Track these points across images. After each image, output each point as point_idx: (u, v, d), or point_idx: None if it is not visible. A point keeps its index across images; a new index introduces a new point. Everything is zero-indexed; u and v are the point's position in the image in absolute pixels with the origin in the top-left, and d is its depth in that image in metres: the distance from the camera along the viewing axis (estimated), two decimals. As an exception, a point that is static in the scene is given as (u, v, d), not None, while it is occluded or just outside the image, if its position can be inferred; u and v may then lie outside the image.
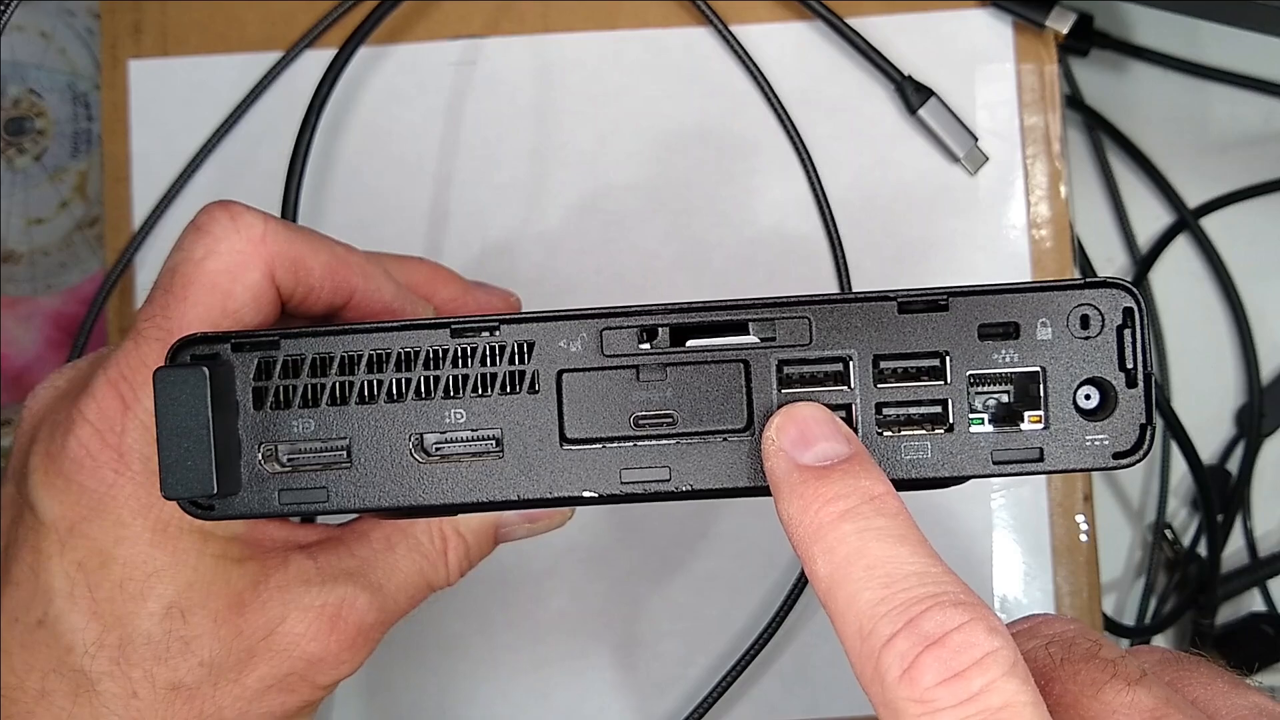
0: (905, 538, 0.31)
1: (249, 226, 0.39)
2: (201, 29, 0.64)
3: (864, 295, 0.35)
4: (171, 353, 0.35)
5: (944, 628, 0.29)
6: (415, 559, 0.43)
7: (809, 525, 0.32)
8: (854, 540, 0.31)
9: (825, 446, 0.33)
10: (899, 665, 0.29)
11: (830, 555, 0.31)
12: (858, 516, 0.31)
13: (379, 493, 0.35)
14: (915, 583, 0.30)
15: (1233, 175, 0.69)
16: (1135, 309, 0.34)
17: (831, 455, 0.33)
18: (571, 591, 0.62)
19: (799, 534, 0.32)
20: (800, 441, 0.33)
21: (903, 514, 0.32)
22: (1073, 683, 0.32)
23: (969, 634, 0.29)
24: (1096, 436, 0.34)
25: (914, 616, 0.29)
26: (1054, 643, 0.33)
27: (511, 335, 0.35)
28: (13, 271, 0.65)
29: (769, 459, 0.33)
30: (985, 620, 0.29)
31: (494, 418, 0.35)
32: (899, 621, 0.29)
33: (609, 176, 0.62)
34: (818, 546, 0.32)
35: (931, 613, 0.29)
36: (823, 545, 0.31)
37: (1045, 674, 0.32)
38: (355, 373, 0.35)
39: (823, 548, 0.31)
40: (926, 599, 0.30)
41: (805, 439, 0.33)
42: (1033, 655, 0.33)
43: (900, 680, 0.29)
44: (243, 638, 0.39)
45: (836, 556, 0.31)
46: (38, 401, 0.42)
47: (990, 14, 0.62)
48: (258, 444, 0.35)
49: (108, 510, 0.38)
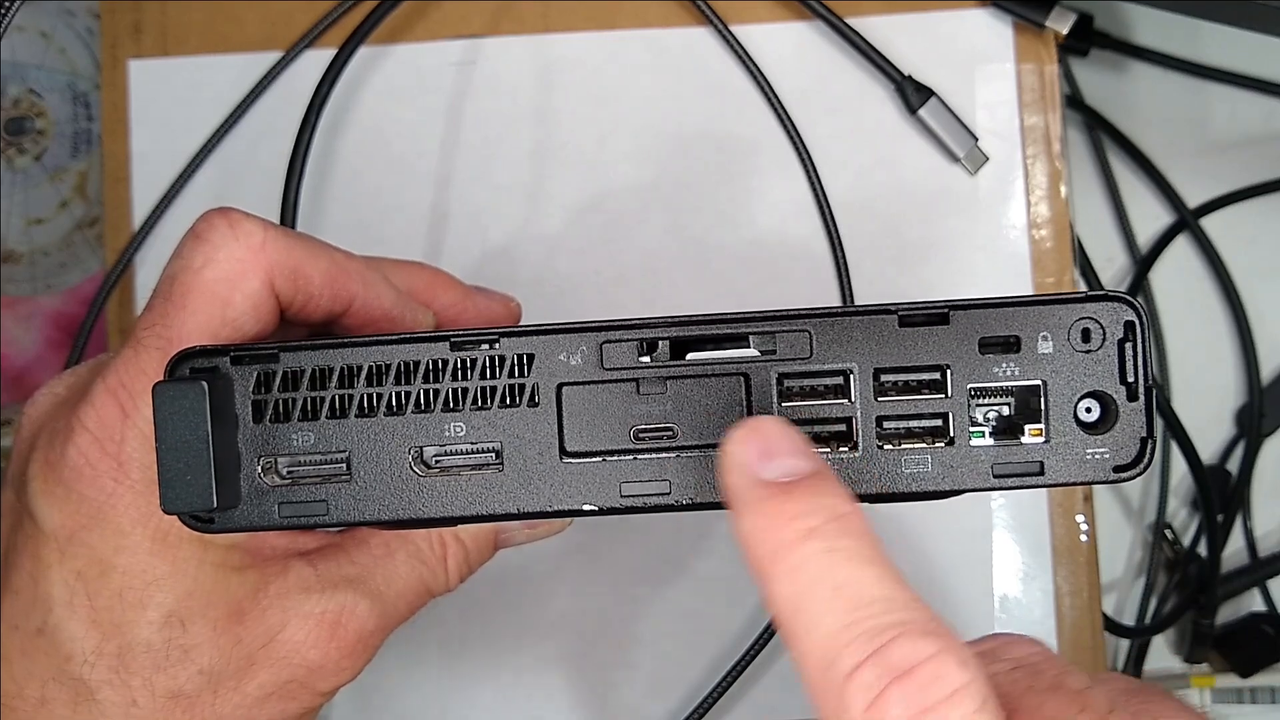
0: (872, 560, 0.30)
1: (248, 235, 0.39)
2: (201, 29, 0.64)
3: (865, 309, 0.35)
4: (170, 366, 0.35)
5: (912, 659, 0.27)
6: (415, 565, 0.43)
7: (770, 544, 0.30)
8: (818, 560, 0.30)
9: (789, 463, 0.31)
10: (864, 698, 0.27)
11: (792, 576, 0.30)
12: (823, 536, 0.30)
13: (379, 506, 0.35)
14: (882, 609, 0.29)
15: (1233, 175, 0.69)
16: (1137, 322, 0.34)
17: (795, 471, 0.31)
18: (572, 592, 0.62)
19: (759, 552, 0.31)
20: (763, 456, 0.32)
21: (869, 535, 0.30)
22: (1038, 714, 0.31)
23: (939, 666, 0.27)
24: (1097, 450, 0.34)
25: (881, 645, 0.28)
26: (1019, 668, 0.32)
27: (511, 348, 0.35)
28: (13, 271, 0.65)
29: (729, 473, 0.32)
30: (956, 652, 0.28)
31: (494, 431, 0.35)
32: (864, 651, 0.28)
33: (609, 177, 0.62)
34: (778, 567, 0.30)
35: (899, 642, 0.28)
36: (784, 565, 0.30)
37: (1009, 702, 0.31)
38: (354, 385, 0.35)
39: (785, 567, 0.30)
40: (894, 627, 0.28)
41: (768, 453, 0.32)
42: (996, 681, 0.31)
43: (866, 714, 0.27)
44: (242, 646, 0.39)
45: (798, 577, 0.30)
46: (37, 408, 0.41)
47: (990, 14, 0.62)
48: (257, 457, 0.35)
49: (107, 519, 0.38)
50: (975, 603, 0.61)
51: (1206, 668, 0.74)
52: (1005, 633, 0.34)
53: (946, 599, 0.61)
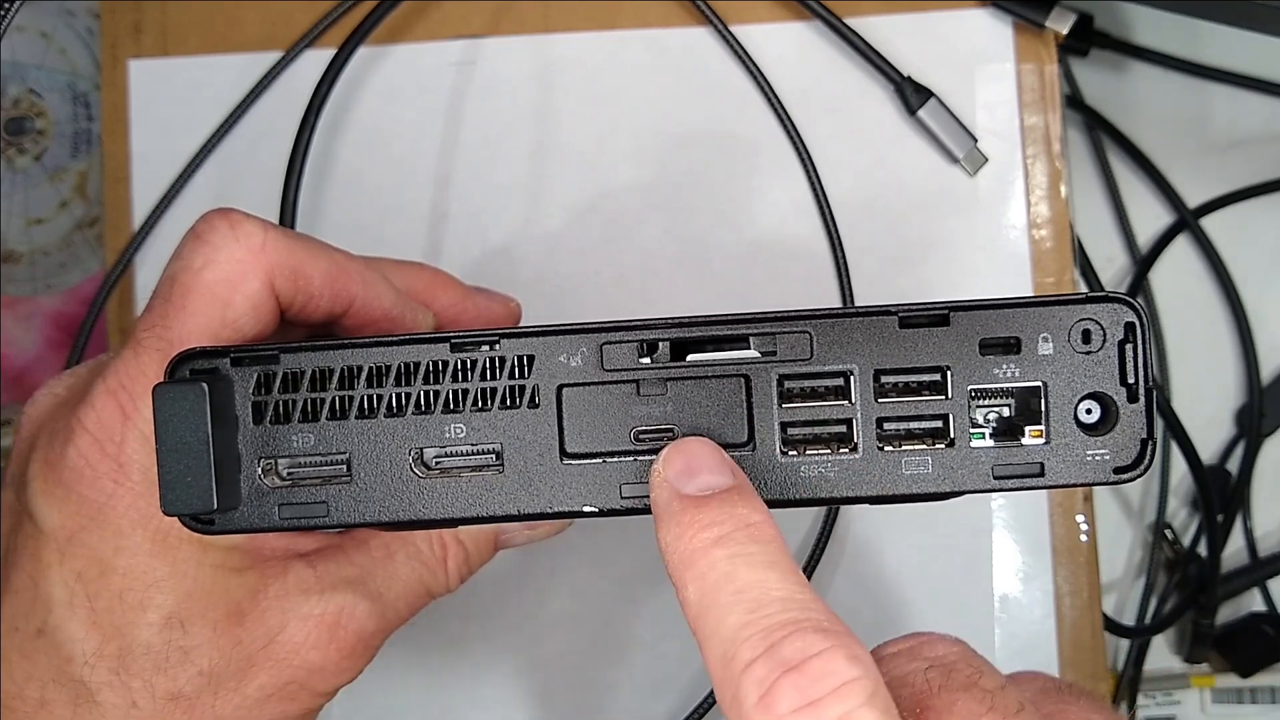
0: (775, 564, 0.31)
1: (248, 235, 0.39)
2: (201, 29, 0.64)
3: (865, 310, 0.34)
4: (171, 367, 0.35)
5: (804, 654, 0.28)
6: (415, 567, 0.43)
7: (682, 551, 0.31)
8: (724, 565, 0.31)
9: (708, 478, 0.33)
10: (756, 691, 0.28)
11: (701, 580, 0.31)
12: (731, 543, 0.31)
13: (379, 507, 0.35)
14: (779, 608, 0.29)
15: (1233, 175, 0.69)
16: (1137, 323, 0.34)
17: (713, 486, 0.33)
18: (572, 592, 0.62)
19: (673, 560, 0.32)
20: (685, 472, 0.33)
21: (776, 541, 0.31)
22: (948, 714, 0.31)
23: (828, 661, 0.28)
24: (1097, 451, 0.34)
25: (775, 641, 0.29)
26: (934, 667, 0.33)
27: (511, 349, 0.35)
28: (13, 271, 0.65)
29: (654, 489, 0.33)
30: (846, 648, 0.28)
31: (494, 432, 0.35)
32: (760, 646, 0.29)
33: (609, 177, 0.62)
34: (690, 572, 0.31)
35: (792, 638, 0.29)
36: (694, 571, 0.31)
37: (921, 700, 0.31)
38: (355, 387, 0.35)
39: (694, 573, 0.31)
40: (789, 624, 0.29)
41: (689, 470, 0.33)
42: (910, 679, 0.32)
43: (757, 706, 0.28)
44: (242, 647, 0.39)
45: (706, 581, 0.31)
46: (37, 408, 0.41)
47: (990, 14, 0.61)
48: (257, 458, 0.35)
49: (107, 520, 0.38)
50: (975, 603, 0.61)
51: (1206, 668, 0.74)
52: (926, 632, 0.34)
53: (946, 599, 0.61)
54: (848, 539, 0.61)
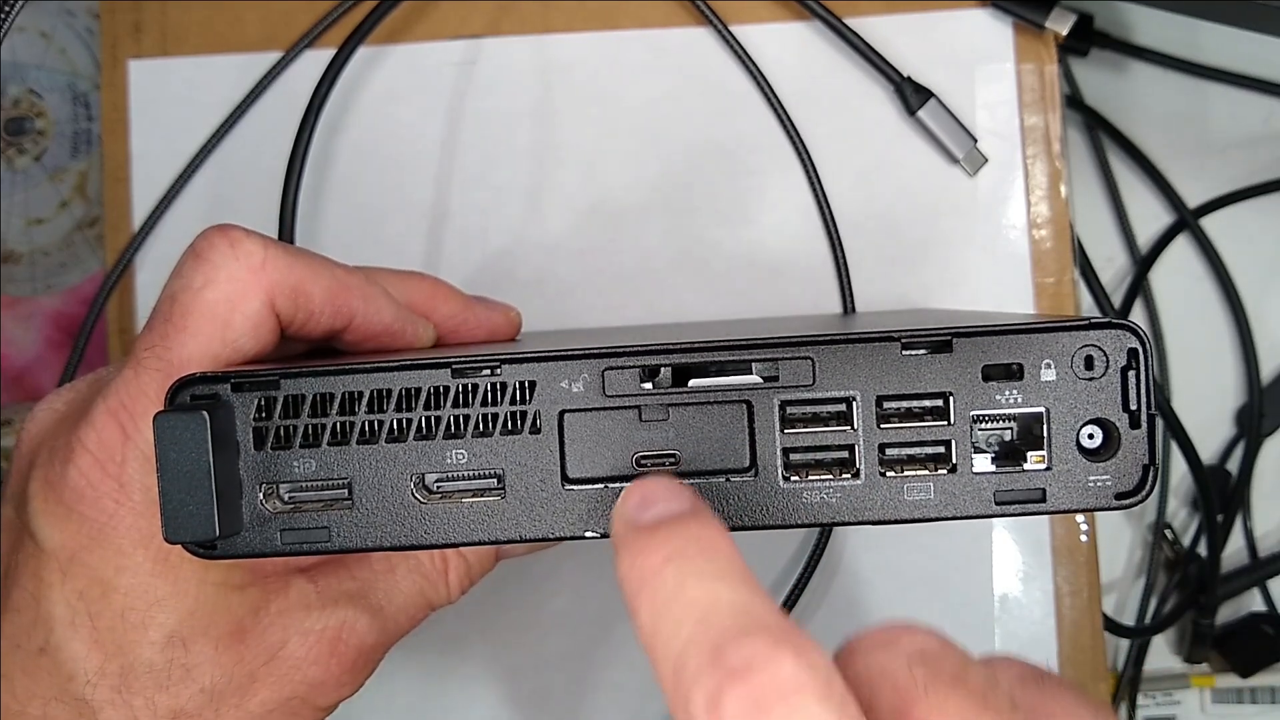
0: (726, 574, 0.30)
1: (248, 254, 0.38)
2: (201, 29, 0.64)
3: (868, 335, 0.34)
4: (171, 393, 0.34)
5: (749, 660, 0.27)
6: (416, 580, 0.43)
7: (636, 576, 0.31)
8: (673, 581, 0.30)
9: (663, 507, 0.32)
10: (703, 701, 0.27)
11: (652, 599, 0.30)
12: (682, 559, 0.30)
13: (381, 532, 0.35)
14: (728, 616, 0.29)
15: (1233, 175, 0.69)
16: (1140, 350, 0.33)
17: (667, 514, 0.32)
18: (572, 592, 0.62)
19: (628, 588, 0.31)
20: (641, 505, 0.32)
21: (727, 553, 0.30)
22: (940, 714, 0.30)
23: (776, 665, 0.27)
24: (1099, 477, 0.34)
25: (721, 649, 0.28)
26: (917, 661, 0.31)
27: (513, 375, 0.35)
28: (13, 271, 0.65)
29: (614, 525, 0.32)
30: (796, 650, 0.27)
31: (495, 458, 0.35)
32: (706, 656, 0.28)
33: (609, 177, 0.62)
34: (642, 595, 0.30)
35: (738, 644, 0.28)
36: (647, 592, 0.30)
37: (906, 698, 0.30)
38: (356, 412, 0.35)
39: (646, 595, 0.30)
40: (737, 631, 0.28)
41: (646, 502, 0.32)
42: (892, 674, 0.31)
43: (706, 718, 0.27)
44: (244, 663, 0.39)
45: (657, 600, 0.30)
46: (36, 424, 0.41)
47: (990, 14, 0.61)
48: (259, 484, 0.35)
49: (109, 540, 0.38)
50: (975, 603, 0.61)
51: (1206, 668, 0.74)
52: (900, 621, 0.34)
53: (946, 599, 0.61)
54: (848, 539, 0.61)
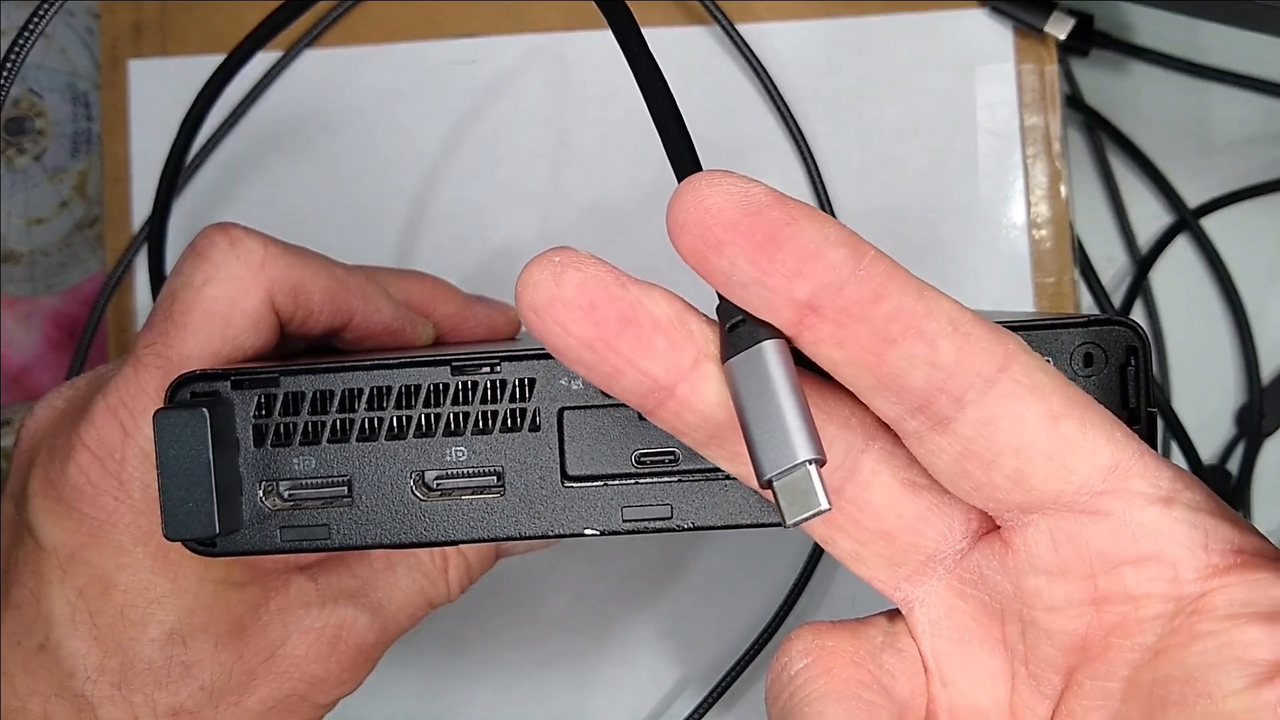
0: None
1: (249, 252, 0.39)
2: (201, 29, 0.64)
3: None
4: (171, 391, 0.35)
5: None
6: (416, 578, 0.43)
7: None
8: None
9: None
10: None
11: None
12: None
13: (380, 530, 0.35)
14: None
15: (1233, 175, 0.69)
16: (1139, 347, 0.33)
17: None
18: (572, 591, 0.62)
19: None
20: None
21: None
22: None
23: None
24: None
25: None
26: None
27: (512, 372, 0.35)
28: (13, 271, 0.65)
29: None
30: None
31: (495, 455, 0.35)
32: None
33: (610, 176, 0.62)
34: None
35: None
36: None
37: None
38: (355, 409, 0.35)
39: None
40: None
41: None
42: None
43: None
44: (244, 661, 0.39)
45: None
46: (36, 422, 0.41)
47: (990, 14, 0.62)
48: (258, 481, 0.35)
49: (108, 538, 0.38)
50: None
51: (1206, 667, 0.73)
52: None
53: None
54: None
